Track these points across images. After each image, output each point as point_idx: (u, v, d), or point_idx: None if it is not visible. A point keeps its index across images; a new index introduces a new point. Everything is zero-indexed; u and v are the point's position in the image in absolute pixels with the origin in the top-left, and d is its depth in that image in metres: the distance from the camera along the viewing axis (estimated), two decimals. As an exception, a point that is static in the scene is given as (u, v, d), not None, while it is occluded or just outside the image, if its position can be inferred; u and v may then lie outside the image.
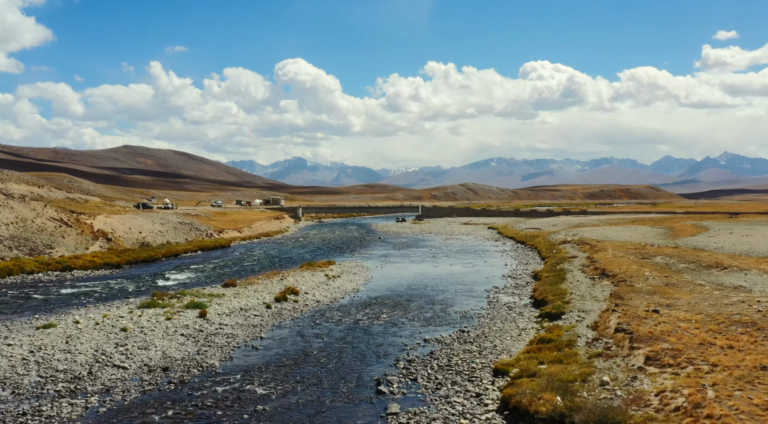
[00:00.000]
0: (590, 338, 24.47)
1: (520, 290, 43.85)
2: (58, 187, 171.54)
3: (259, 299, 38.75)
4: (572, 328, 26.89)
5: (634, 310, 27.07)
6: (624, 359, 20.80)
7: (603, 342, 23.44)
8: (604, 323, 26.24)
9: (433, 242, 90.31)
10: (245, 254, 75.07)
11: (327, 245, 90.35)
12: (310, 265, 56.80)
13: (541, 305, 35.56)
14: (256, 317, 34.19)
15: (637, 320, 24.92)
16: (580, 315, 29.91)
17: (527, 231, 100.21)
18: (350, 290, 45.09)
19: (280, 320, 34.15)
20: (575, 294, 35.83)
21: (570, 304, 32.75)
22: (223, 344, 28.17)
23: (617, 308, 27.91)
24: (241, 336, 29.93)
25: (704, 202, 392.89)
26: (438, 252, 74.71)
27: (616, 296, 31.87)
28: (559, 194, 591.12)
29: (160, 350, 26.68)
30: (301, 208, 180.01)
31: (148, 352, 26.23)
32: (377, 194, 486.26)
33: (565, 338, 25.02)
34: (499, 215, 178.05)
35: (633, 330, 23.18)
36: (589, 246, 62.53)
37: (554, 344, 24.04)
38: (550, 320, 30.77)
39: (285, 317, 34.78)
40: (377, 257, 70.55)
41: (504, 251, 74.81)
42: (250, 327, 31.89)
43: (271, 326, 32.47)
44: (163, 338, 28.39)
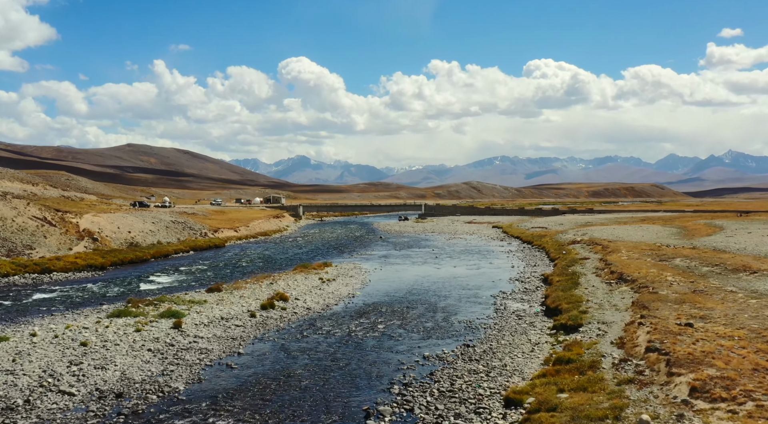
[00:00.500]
0: (617, 359, 20.95)
1: (530, 296, 40.34)
2: (53, 185, 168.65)
3: (243, 307, 35.30)
4: (594, 344, 23.35)
5: (664, 323, 23.55)
6: (662, 389, 17.27)
7: (633, 364, 19.91)
8: (632, 339, 22.73)
9: (436, 242, 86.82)
10: (239, 255, 71.68)
11: (326, 244, 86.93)
12: (304, 267, 53.35)
13: (555, 315, 32.04)
14: (238, 328, 30.72)
15: (670, 336, 21.40)
16: (600, 328, 26.38)
17: (533, 230, 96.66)
18: (345, 295, 41.60)
19: (263, 331, 30.67)
20: (592, 302, 32.29)
21: (587, 314, 29.21)
22: (193, 362, 24.69)
23: (644, 321, 24.39)
24: (216, 351, 26.46)
25: (710, 200, 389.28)
26: (441, 253, 71.24)
27: (640, 305, 28.35)
28: (563, 193, 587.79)
29: (119, 369, 23.22)
30: (302, 207, 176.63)
31: (104, 372, 22.76)
32: (380, 193, 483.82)
33: (587, 357, 21.50)
34: (503, 213, 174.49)
35: (668, 350, 19.64)
36: (601, 247, 58.98)
37: (575, 366, 20.50)
38: (566, 333, 27.26)
39: (270, 328, 31.31)
40: (377, 258, 67.10)
41: (510, 252, 71.30)
42: (228, 340, 28.41)
43: (253, 339, 29.00)
44: (127, 355, 24.94)
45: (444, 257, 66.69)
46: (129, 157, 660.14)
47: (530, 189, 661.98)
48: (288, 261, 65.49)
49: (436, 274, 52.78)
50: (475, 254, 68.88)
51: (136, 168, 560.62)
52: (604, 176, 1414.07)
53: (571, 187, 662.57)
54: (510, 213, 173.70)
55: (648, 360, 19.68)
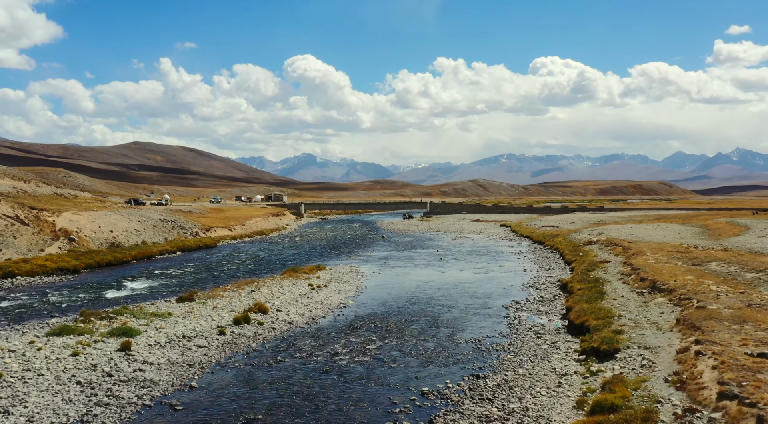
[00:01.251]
0: (679, 408, 15.66)
1: (548, 306, 35.05)
2: (47, 182, 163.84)
3: (213, 321, 30.11)
4: (642, 383, 18.01)
5: (731, 352, 18.29)
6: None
7: (705, 419, 14.67)
8: (692, 375, 17.47)
9: (441, 242, 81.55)
10: (229, 256, 66.61)
11: (324, 244, 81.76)
12: (294, 271, 48.13)
13: (581, 332, 26.78)
14: (200, 350, 25.53)
15: (746, 374, 16.16)
16: (644, 355, 21.11)
17: (544, 229, 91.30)
18: (335, 305, 36.37)
19: (231, 353, 25.48)
20: (626, 318, 26.97)
21: (623, 335, 23.92)
22: (129, 401, 19.43)
23: (702, 348, 19.12)
24: (164, 384, 21.23)
25: (720, 198, 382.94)
26: (446, 254, 66.03)
27: (688, 324, 23.08)
28: (570, 190, 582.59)
29: (27, 413, 18.00)
30: (304, 205, 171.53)
31: (6, 419, 17.59)
32: (386, 190, 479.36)
33: (637, 403, 16.23)
34: (511, 211, 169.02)
35: (755, 400, 14.38)
36: (622, 248, 53.65)
37: (622, 418, 15.21)
38: (599, 360, 21.99)
39: (239, 349, 26.12)
40: (376, 259, 61.91)
41: (521, 253, 66.00)
42: (184, 367, 23.20)
43: (215, 365, 23.81)
44: (47, 390, 19.76)
45: (449, 258, 61.49)
46: (135, 155, 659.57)
47: (537, 187, 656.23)
48: (281, 263, 60.45)
49: (441, 279, 47.57)
50: (483, 256, 63.64)
51: (141, 166, 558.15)
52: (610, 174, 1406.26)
53: (578, 185, 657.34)
54: (518, 211, 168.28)
55: (727, 413, 14.40)
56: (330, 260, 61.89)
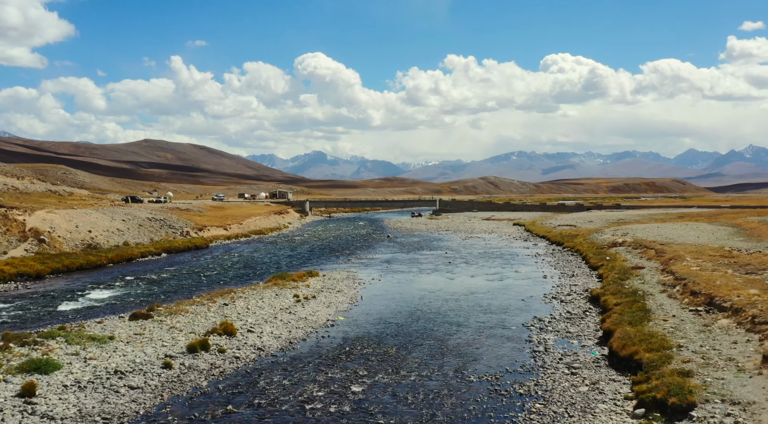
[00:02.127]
0: None
1: (578, 326, 28.84)
2: (44, 179, 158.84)
3: (164, 347, 24.11)
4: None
5: None
6: None
7: None
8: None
9: (450, 242, 75.40)
10: (218, 258, 60.79)
11: (324, 245, 75.79)
12: (281, 278, 42.08)
13: (629, 367, 20.63)
14: (129, 394, 19.42)
15: None
16: (736, 418, 14.93)
17: (561, 229, 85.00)
18: (322, 322, 30.29)
19: (170, 397, 19.41)
20: (688, 350, 20.73)
21: (694, 378, 17.67)
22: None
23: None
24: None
25: (736, 195, 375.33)
26: (455, 256, 59.93)
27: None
28: (582, 188, 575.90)
29: None
30: (309, 202, 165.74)
31: None
32: (396, 188, 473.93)
33: None
34: (524, 209, 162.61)
35: None
36: (654, 251, 47.38)
37: None
38: (668, 419, 15.81)
39: (183, 390, 20.07)
40: (378, 263, 55.84)
41: (538, 256, 59.78)
42: (97, 423, 17.21)
43: (141, 420, 17.79)
44: None
45: (459, 262, 55.36)
46: (146, 153, 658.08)
47: (548, 184, 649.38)
48: (272, 266, 54.57)
49: (449, 287, 41.46)
50: (497, 259, 57.47)
51: (151, 164, 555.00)
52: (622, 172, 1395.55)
53: (590, 182, 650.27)
54: (531, 209, 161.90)
55: None
56: (327, 264, 55.97)
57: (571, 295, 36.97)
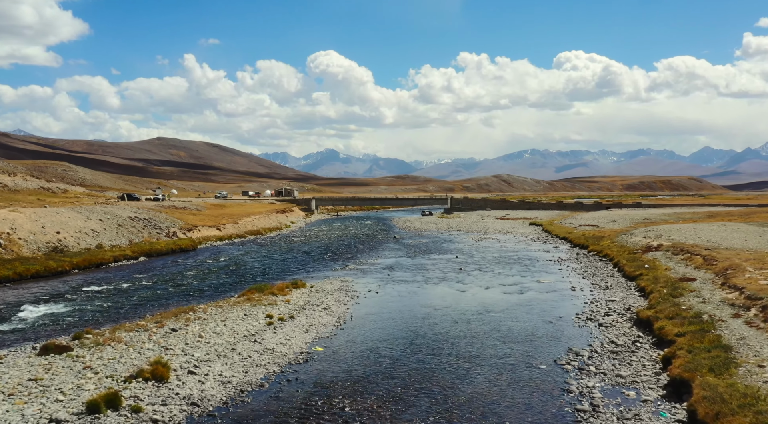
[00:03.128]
0: None
1: (629, 365, 21.66)
2: (39, 176, 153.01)
3: (55, 404, 17.19)
4: None
5: None
6: None
7: None
8: None
9: (462, 244, 68.34)
10: (201, 263, 54.02)
11: (323, 247, 68.91)
12: (258, 290, 35.15)
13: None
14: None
15: None
16: None
17: (583, 229, 77.75)
18: (292, 356, 23.31)
19: None
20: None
21: None
22: None
23: None
24: None
25: (755, 193, 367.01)
26: (467, 261, 52.89)
27: None
28: (596, 186, 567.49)
29: None
30: (315, 200, 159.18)
31: None
32: (408, 186, 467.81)
33: None
34: (539, 207, 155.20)
35: None
36: (701, 258, 40.18)
37: None
38: None
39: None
40: (379, 269, 48.86)
41: (561, 261, 52.60)
42: None
43: None
44: None
45: (471, 268, 48.28)
46: (158, 151, 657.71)
47: (562, 182, 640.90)
48: (259, 273, 47.77)
49: (459, 303, 34.43)
50: (514, 265, 50.35)
51: (163, 161, 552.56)
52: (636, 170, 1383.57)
53: (604, 180, 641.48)
54: (547, 207, 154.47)
55: None
56: (321, 270, 49.09)
57: (611, 315, 29.81)
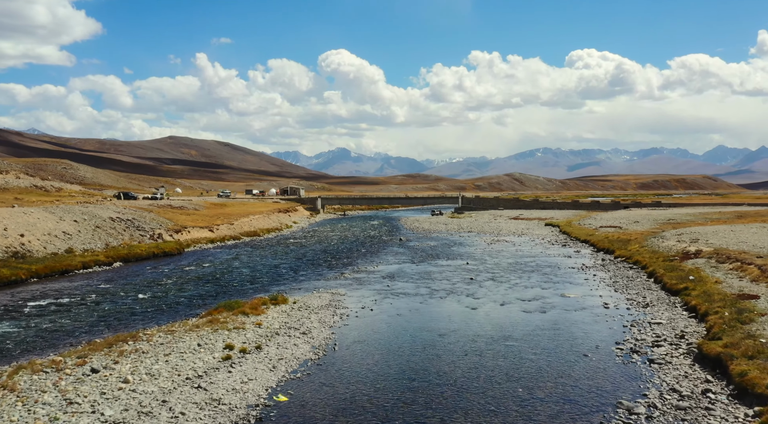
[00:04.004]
0: None
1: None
2: (35, 174, 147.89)
3: None
4: None
5: None
6: None
7: None
8: None
9: (473, 248, 62.23)
10: (180, 270, 48.15)
11: (322, 250, 62.96)
12: (228, 308, 29.06)
13: None
14: None
15: None
16: None
17: (605, 231, 71.41)
18: (242, 413, 17.23)
19: None
20: None
21: None
22: None
23: None
24: None
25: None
26: (479, 268, 46.77)
27: None
28: (610, 185, 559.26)
29: None
30: (321, 199, 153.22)
31: None
32: (419, 185, 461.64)
33: None
34: (554, 207, 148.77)
35: None
36: (757, 268, 33.87)
37: None
38: None
39: None
40: (379, 278, 42.76)
41: (585, 268, 46.35)
42: None
43: None
44: None
45: (484, 278, 42.14)
46: (170, 150, 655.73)
47: (575, 181, 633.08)
48: (242, 282, 41.87)
49: (469, 325, 28.31)
50: (533, 273, 44.14)
51: (174, 160, 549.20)
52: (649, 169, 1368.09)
53: (618, 179, 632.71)
54: (562, 207, 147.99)
55: None
56: (312, 279, 43.09)
57: (661, 345, 23.58)
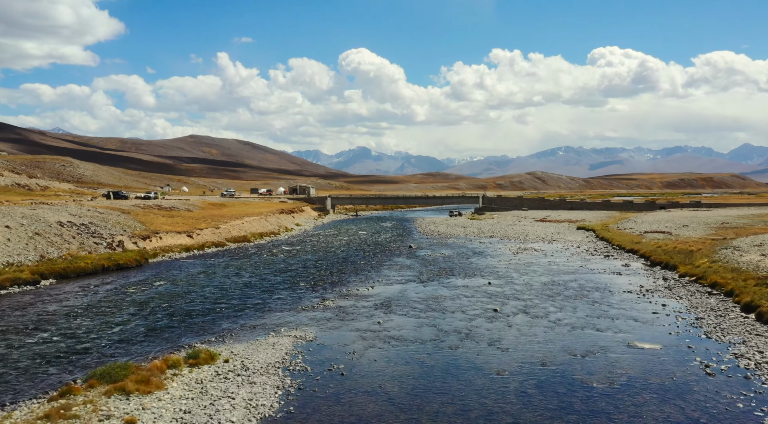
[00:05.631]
0: None
1: None
2: (21, 171, 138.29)
3: None
4: None
5: None
6: None
7: None
8: None
9: (496, 259, 50.99)
10: (123, 291, 37.41)
11: (314, 262, 51.89)
12: (107, 379, 18.00)
13: None
14: None
15: None
16: None
17: (654, 238, 59.76)
18: None
19: None
20: None
21: None
22: None
23: None
24: None
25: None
26: (504, 292, 35.48)
27: None
28: (634, 183, 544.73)
29: None
30: (330, 199, 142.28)
31: None
32: (438, 183, 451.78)
33: None
34: (583, 207, 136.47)
35: None
36: None
37: None
38: None
39: None
40: (367, 310, 31.43)
41: (648, 293, 34.76)
42: None
43: None
44: None
45: (512, 310, 30.76)
46: (190, 148, 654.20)
47: (599, 180, 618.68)
48: (190, 316, 30.86)
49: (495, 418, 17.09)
50: (578, 302, 32.70)
51: (193, 159, 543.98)
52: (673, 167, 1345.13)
53: (642, 177, 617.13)
54: (591, 207, 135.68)
55: None
56: (278, 311, 31.90)
57: None
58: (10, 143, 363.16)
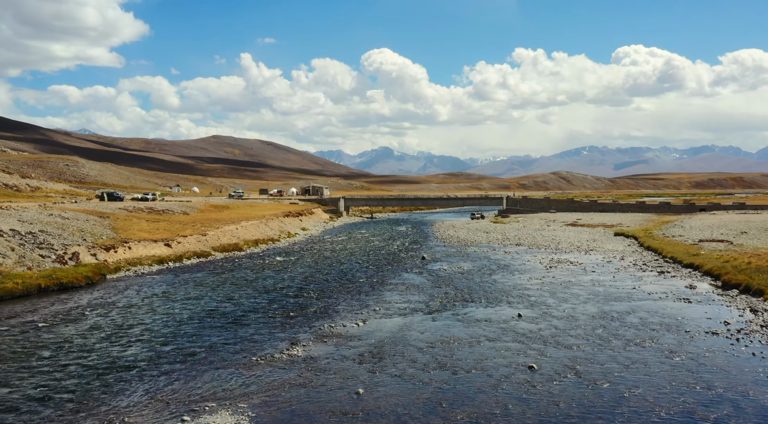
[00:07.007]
0: None
1: None
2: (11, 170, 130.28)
3: None
4: None
5: None
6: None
7: None
8: None
9: (525, 277, 41.47)
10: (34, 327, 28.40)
11: (302, 280, 42.64)
12: None
13: None
14: None
15: None
16: None
17: (714, 249, 49.88)
18: None
19: None
20: None
21: None
22: None
23: None
24: None
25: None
26: (541, 331, 26.04)
27: None
28: (662, 183, 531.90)
29: None
30: (344, 200, 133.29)
31: None
32: (461, 183, 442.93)
33: None
34: (616, 209, 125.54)
35: None
36: None
37: None
38: None
39: None
40: (349, 363, 22.14)
41: (739, 335, 25.14)
42: None
43: None
44: None
45: (555, 367, 21.33)
46: (213, 149, 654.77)
47: (625, 180, 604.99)
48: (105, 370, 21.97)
49: None
50: (644, 351, 23.20)
51: (215, 159, 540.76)
52: (699, 167, 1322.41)
53: (670, 177, 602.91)
54: (625, 209, 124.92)
55: None
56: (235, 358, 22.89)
57: None
58: (33, 144, 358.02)
